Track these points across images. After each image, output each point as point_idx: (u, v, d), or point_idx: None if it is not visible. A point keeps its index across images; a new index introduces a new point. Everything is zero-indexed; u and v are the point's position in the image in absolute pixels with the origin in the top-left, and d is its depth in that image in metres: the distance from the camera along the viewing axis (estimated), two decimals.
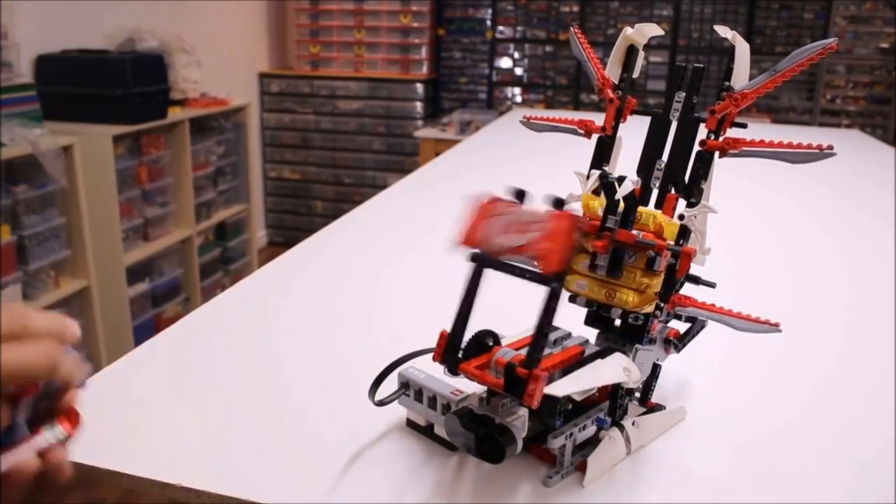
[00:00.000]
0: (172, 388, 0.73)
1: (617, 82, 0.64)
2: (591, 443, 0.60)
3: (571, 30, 0.67)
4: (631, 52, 0.64)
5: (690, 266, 0.59)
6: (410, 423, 0.65)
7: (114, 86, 2.53)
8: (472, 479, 0.58)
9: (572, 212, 0.50)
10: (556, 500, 0.56)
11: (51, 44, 2.64)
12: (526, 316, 0.62)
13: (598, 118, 0.65)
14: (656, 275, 0.57)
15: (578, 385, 0.53)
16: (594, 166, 0.64)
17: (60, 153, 2.23)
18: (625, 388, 0.60)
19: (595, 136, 0.65)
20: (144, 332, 2.69)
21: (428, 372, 0.62)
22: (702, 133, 0.60)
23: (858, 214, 1.54)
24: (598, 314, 0.61)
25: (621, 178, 0.57)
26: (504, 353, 0.52)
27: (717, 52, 4.14)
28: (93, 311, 2.46)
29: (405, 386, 0.63)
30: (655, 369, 0.65)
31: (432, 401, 0.61)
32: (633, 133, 0.66)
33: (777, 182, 1.71)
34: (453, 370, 0.54)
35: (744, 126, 0.60)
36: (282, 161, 4.54)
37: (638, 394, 0.66)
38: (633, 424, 0.62)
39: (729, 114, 0.59)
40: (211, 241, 3.36)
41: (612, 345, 0.61)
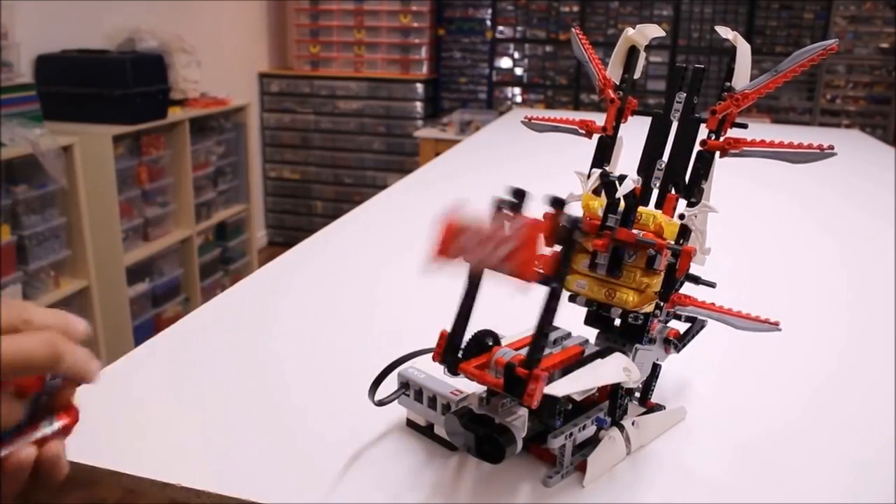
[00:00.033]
0: (172, 388, 0.73)
1: (618, 83, 0.64)
2: (591, 443, 0.60)
3: (573, 30, 0.68)
4: (632, 52, 0.64)
5: (690, 265, 0.59)
6: (410, 423, 0.65)
7: (114, 86, 2.53)
8: (472, 479, 0.58)
9: (543, 216, 0.50)
10: (556, 500, 0.56)
11: (51, 44, 2.64)
12: (526, 316, 0.62)
13: (598, 118, 0.65)
14: (656, 274, 0.57)
15: (578, 385, 0.53)
16: (595, 166, 0.64)
17: (60, 153, 2.23)
18: (625, 388, 0.60)
19: (596, 137, 0.65)
20: (144, 332, 2.69)
21: (428, 372, 0.62)
22: (702, 133, 0.60)
23: (858, 214, 1.54)
24: (598, 314, 0.61)
25: (622, 177, 0.57)
26: (504, 353, 0.52)
27: (718, 53, 4.14)
28: (93, 311, 2.46)
29: (405, 386, 0.63)
30: (655, 369, 0.65)
31: (432, 401, 0.61)
32: (634, 133, 0.66)
33: (777, 182, 1.71)
34: (453, 370, 0.54)
35: (744, 126, 0.60)
36: (282, 161, 4.54)
37: (638, 394, 0.66)
38: (633, 424, 0.62)
39: (730, 114, 0.59)
40: (211, 241, 3.36)
41: (612, 345, 0.61)
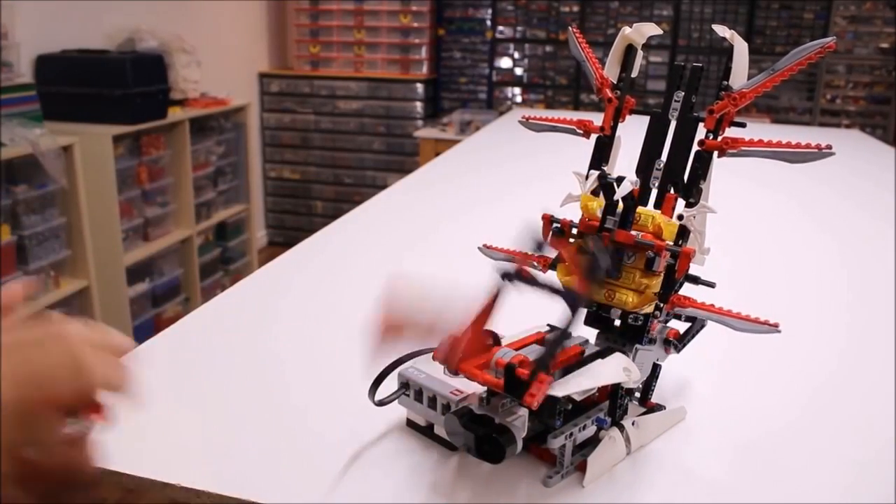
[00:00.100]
0: (172, 388, 0.73)
1: (615, 82, 0.64)
2: (591, 443, 0.60)
3: (570, 30, 0.67)
4: (629, 51, 0.64)
5: (690, 266, 0.59)
6: (410, 423, 0.65)
7: (114, 86, 2.53)
8: (472, 479, 0.58)
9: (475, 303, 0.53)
10: (556, 500, 0.56)
11: (51, 44, 2.64)
12: (526, 316, 0.62)
13: (597, 118, 0.65)
14: (655, 275, 0.57)
15: (578, 385, 0.53)
16: (593, 166, 0.64)
17: (60, 153, 2.23)
18: (625, 388, 0.60)
19: (594, 136, 0.65)
20: (144, 332, 2.69)
21: (428, 372, 0.62)
22: (701, 133, 0.60)
23: (858, 214, 1.54)
24: (598, 314, 0.61)
25: (620, 179, 0.57)
26: (504, 354, 0.52)
27: (717, 52, 4.14)
28: (93, 311, 2.46)
29: (405, 386, 0.63)
30: (655, 369, 0.65)
31: (432, 401, 0.61)
32: (632, 133, 0.66)
33: (777, 182, 1.71)
34: (453, 370, 0.54)
35: (743, 125, 0.60)
36: (282, 161, 4.54)
37: (638, 394, 0.66)
38: (633, 424, 0.62)
39: (728, 113, 0.59)
40: (211, 241, 3.36)
41: (612, 345, 0.61)
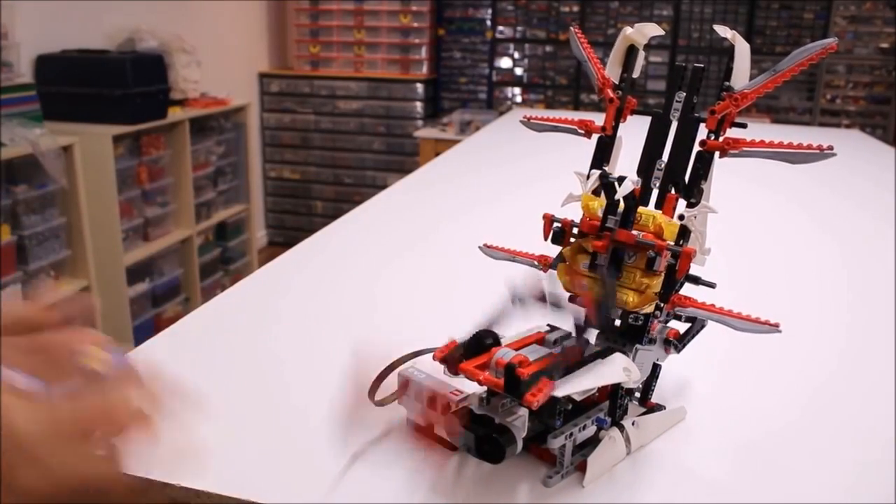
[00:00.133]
0: (172, 388, 0.73)
1: (617, 82, 0.64)
2: (591, 443, 0.60)
3: (571, 30, 0.67)
4: (631, 52, 0.64)
5: (690, 266, 0.59)
6: (410, 423, 0.65)
7: (114, 86, 2.53)
8: (472, 479, 0.58)
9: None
10: (556, 500, 0.56)
11: (51, 44, 2.64)
12: (526, 316, 0.62)
13: (598, 118, 0.65)
14: (656, 275, 0.57)
15: (578, 385, 0.53)
16: (594, 166, 0.64)
17: (60, 153, 2.23)
18: (625, 388, 0.60)
19: (595, 136, 0.65)
20: (144, 332, 2.69)
21: (428, 372, 0.62)
22: (702, 133, 0.60)
23: (858, 214, 1.54)
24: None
25: (621, 178, 0.57)
26: (504, 354, 0.52)
27: (718, 52, 4.14)
28: (93, 311, 2.46)
29: (405, 386, 0.63)
30: (655, 369, 0.65)
31: (432, 401, 0.61)
32: (634, 133, 0.66)
33: (777, 182, 1.71)
34: (453, 370, 0.54)
35: (744, 126, 0.60)
36: (282, 161, 4.54)
37: (638, 394, 0.66)
38: (633, 424, 0.62)
39: (729, 114, 0.59)
40: (211, 241, 3.36)
41: (612, 345, 0.61)
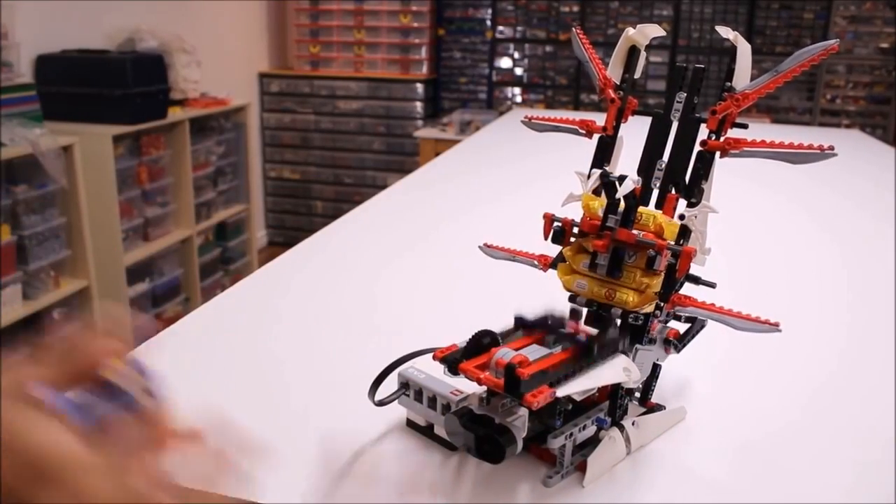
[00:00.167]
0: (172, 389, 0.73)
1: (618, 83, 0.64)
2: (591, 443, 0.60)
3: (573, 30, 0.67)
4: (632, 52, 0.64)
5: (690, 266, 0.59)
6: (410, 423, 0.65)
7: (114, 86, 2.53)
8: (472, 479, 0.58)
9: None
10: (556, 500, 0.56)
11: (51, 44, 2.64)
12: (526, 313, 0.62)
13: (598, 118, 0.65)
14: (656, 275, 0.57)
15: (578, 385, 0.53)
16: (595, 166, 0.64)
17: (60, 153, 2.23)
18: (625, 388, 0.60)
19: (596, 137, 0.65)
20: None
21: (428, 372, 0.62)
22: (702, 133, 0.60)
23: (858, 214, 1.54)
24: (598, 314, 0.61)
25: (622, 178, 0.57)
26: (504, 354, 0.52)
27: (718, 53, 4.14)
28: (93, 311, 2.46)
29: (405, 386, 0.63)
30: (655, 369, 0.65)
31: (432, 401, 0.61)
32: (634, 133, 0.66)
33: (777, 182, 1.71)
34: (453, 370, 0.54)
35: (745, 126, 0.60)
36: (282, 161, 4.54)
37: (638, 394, 0.66)
38: (633, 424, 0.62)
39: (730, 114, 0.59)
40: (211, 241, 3.36)
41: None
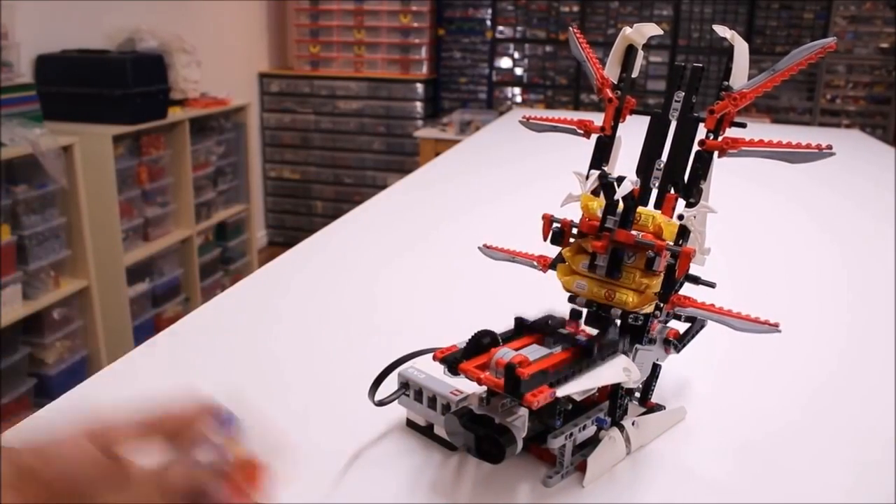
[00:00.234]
0: (172, 389, 0.73)
1: (616, 82, 0.64)
2: (591, 443, 0.60)
3: (571, 30, 0.67)
4: (630, 51, 0.64)
5: (690, 266, 0.59)
6: (410, 423, 0.65)
7: (114, 86, 2.53)
8: (472, 479, 0.58)
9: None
10: (556, 500, 0.56)
11: (51, 44, 2.64)
12: (526, 315, 0.62)
13: (597, 118, 0.65)
14: (656, 275, 0.57)
15: (578, 385, 0.53)
16: (593, 166, 0.64)
17: (60, 153, 2.23)
18: (625, 388, 0.60)
19: (594, 136, 0.65)
20: (144, 332, 2.69)
21: (428, 372, 0.62)
22: (701, 133, 0.60)
23: (858, 214, 1.54)
24: (598, 314, 0.61)
25: (620, 179, 0.57)
26: (504, 354, 0.52)
27: (717, 52, 4.14)
28: (93, 311, 2.46)
29: (405, 386, 0.63)
30: (655, 369, 0.65)
31: (432, 401, 0.61)
32: (633, 133, 0.66)
33: (777, 182, 1.71)
34: (453, 370, 0.54)
35: (743, 126, 0.60)
36: (282, 161, 4.54)
37: (638, 394, 0.66)
38: (633, 424, 0.62)
39: (728, 113, 0.59)
40: (211, 241, 3.36)
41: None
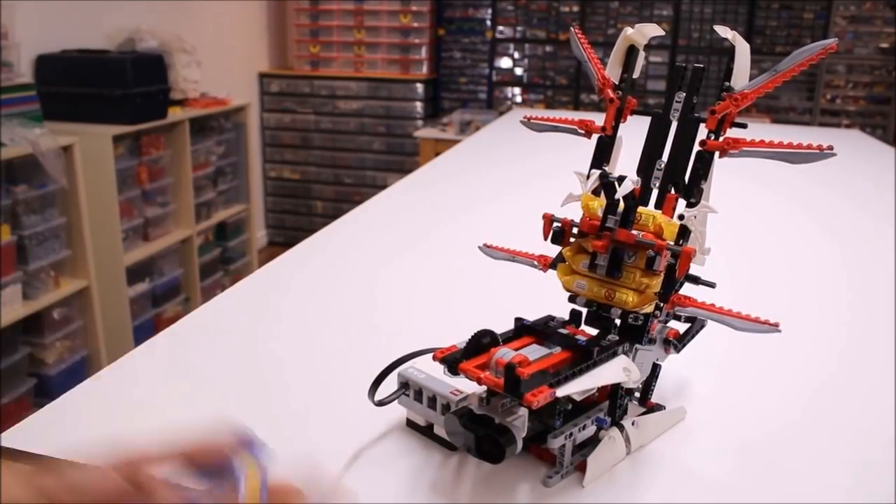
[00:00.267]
0: (172, 389, 0.73)
1: (617, 82, 0.64)
2: (591, 443, 0.60)
3: (572, 30, 0.67)
4: (631, 52, 0.64)
5: (690, 266, 0.59)
6: (410, 423, 0.65)
7: (114, 86, 2.53)
8: (472, 479, 0.58)
9: None
10: (556, 500, 0.56)
11: (51, 44, 2.64)
12: (527, 315, 0.62)
13: (598, 118, 0.65)
14: (656, 275, 0.57)
15: (578, 385, 0.53)
16: (594, 166, 0.64)
17: (60, 153, 2.23)
18: (625, 388, 0.60)
19: (595, 136, 0.65)
20: (144, 332, 2.69)
21: (428, 372, 0.62)
22: (702, 133, 0.60)
23: (858, 214, 1.54)
24: (598, 314, 0.61)
25: (621, 178, 0.57)
26: (504, 354, 0.52)
27: (718, 52, 4.14)
28: (93, 311, 2.46)
29: (405, 386, 0.63)
30: (655, 369, 0.65)
31: (432, 401, 0.61)
32: (634, 133, 0.66)
33: (777, 182, 1.71)
34: (453, 370, 0.54)
35: (744, 126, 0.60)
36: (282, 161, 4.54)
37: (638, 394, 0.66)
38: (633, 424, 0.62)
39: (729, 114, 0.59)
40: (211, 241, 3.36)
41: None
